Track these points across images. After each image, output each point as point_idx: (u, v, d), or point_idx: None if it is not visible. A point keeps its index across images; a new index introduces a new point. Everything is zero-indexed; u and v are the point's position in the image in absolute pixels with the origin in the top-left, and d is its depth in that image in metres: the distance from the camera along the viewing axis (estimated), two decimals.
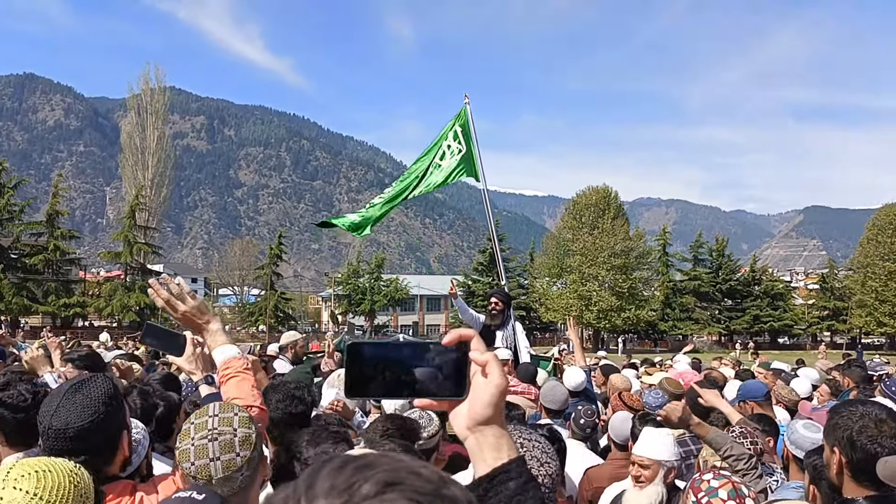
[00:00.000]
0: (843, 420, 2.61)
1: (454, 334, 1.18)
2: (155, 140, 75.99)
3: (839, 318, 73.88)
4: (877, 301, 65.48)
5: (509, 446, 1.17)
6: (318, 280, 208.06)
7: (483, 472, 1.15)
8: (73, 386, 2.32)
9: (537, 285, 70.97)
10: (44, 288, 57.73)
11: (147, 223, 67.16)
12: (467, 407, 1.17)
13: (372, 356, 1.16)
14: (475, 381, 1.17)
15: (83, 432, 2.23)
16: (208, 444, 2.09)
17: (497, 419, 1.18)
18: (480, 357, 1.17)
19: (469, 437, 1.17)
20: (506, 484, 1.13)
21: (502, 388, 1.17)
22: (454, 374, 1.17)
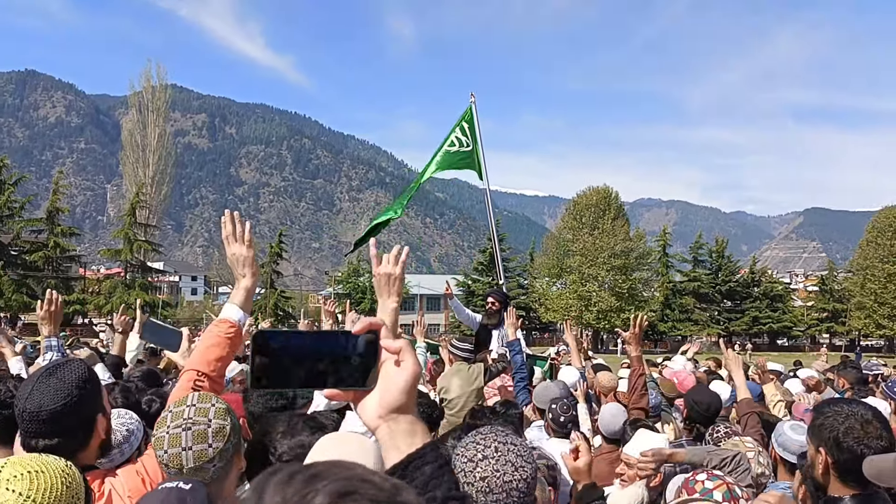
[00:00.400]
0: (828, 421, 2.63)
1: (364, 322, 1.16)
2: (156, 138, 76.10)
3: (838, 320, 73.92)
4: (876, 303, 65.49)
5: (423, 432, 1.17)
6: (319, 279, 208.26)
7: (396, 459, 1.14)
8: (47, 370, 2.35)
9: (537, 285, 70.98)
10: (43, 285, 57.60)
11: (147, 221, 67.20)
12: (378, 395, 1.15)
13: (278, 346, 1.12)
14: (387, 368, 1.16)
15: (56, 415, 2.26)
16: (182, 433, 2.11)
17: (410, 407, 1.17)
18: (393, 344, 1.16)
19: (381, 426, 1.16)
20: (421, 469, 1.12)
21: (416, 374, 1.16)
22: (363, 364, 1.16)
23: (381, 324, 1.17)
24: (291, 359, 1.12)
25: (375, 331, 1.17)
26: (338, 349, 1.15)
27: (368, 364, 1.16)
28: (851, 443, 2.55)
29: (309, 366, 1.13)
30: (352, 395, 1.18)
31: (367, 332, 1.16)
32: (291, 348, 1.13)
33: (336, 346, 1.15)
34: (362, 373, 1.16)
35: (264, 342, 1.12)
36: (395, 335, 2.68)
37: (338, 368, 1.14)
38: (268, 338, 1.13)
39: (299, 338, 1.15)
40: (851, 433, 2.56)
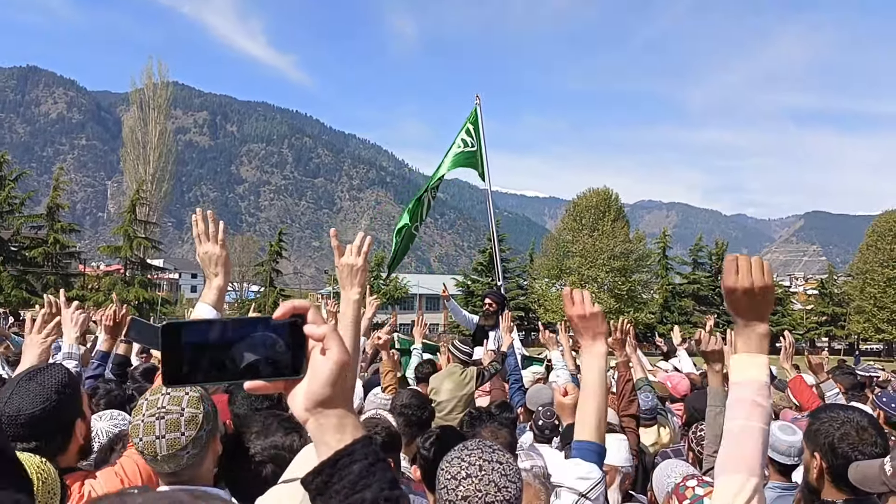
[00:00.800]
0: (824, 426, 2.65)
1: (287, 306, 1.08)
2: (157, 135, 76.12)
3: (837, 324, 73.98)
4: (875, 307, 65.51)
5: (354, 426, 1.09)
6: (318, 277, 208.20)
7: (325, 455, 1.07)
8: (27, 374, 2.38)
9: (536, 286, 70.98)
10: (43, 281, 57.67)
11: (148, 218, 67.17)
12: (306, 386, 1.07)
13: (193, 338, 1.04)
14: (314, 358, 1.07)
15: (34, 419, 2.28)
16: (155, 421, 2.16)
17: (339, 399, 1.08)
18: (317, 330, 1.07)
19: (309, 420, 1.08)
20: (349, 468, 1.05)
21: (343, 364, 1.08)
22: (290, 352, 1.07)
23: (306, 306, 1.09)
24: (209, 351, 1.04)
25: (301, 315, 1.08)
26: (260, 337, 1.06)
27: (297, 351, 1.07)
28: (846, 448, 2.57)
29: (229, 357, 1.04)
30: (282, 386, 1.09)
31: (293, 316, 1.08)
32: (207, 339, 1.04)
33: (258, 333, 1.06)
34: (291, 361, 1.07)
35: (175, 335, 1.04)
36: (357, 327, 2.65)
37: (262, 358, 1.05)
38: (180, 329, 1.04)
39: (216, 327, 1.06)
40: (847, 439, 2.58)
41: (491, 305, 8.26)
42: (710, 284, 74.77)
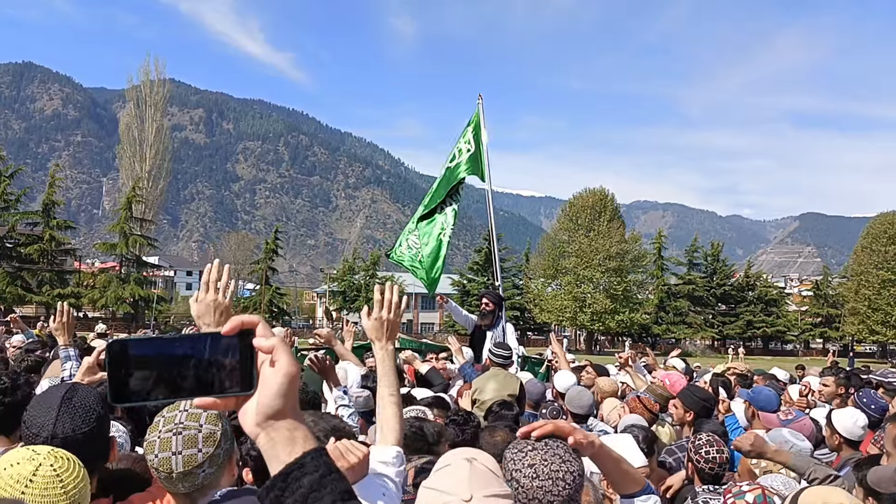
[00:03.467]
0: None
1: (235, 321, 1.06)
2: (153, 132, 76.03)
3: (832, 326, 74.23)
4: (870, 309, 65.70)
5: (304, 438, 1.07)
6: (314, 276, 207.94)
7: (276, 470, 1.05)
8: (66, 393, 2.30)
9: (532, 286, 71.03)
10: (38, 278, 57.65)
11: (143, 215, 67.09)
12: (256, 400, 1.05)
13: (139, 355, 1.01)
14: (263, 371, 1.06)
15: (89, 437, 2.24)
16: (172, 437, 2.12)
17: (289, 411, 1.06)
18: (265, 343, 1.05)
19: (260, 435, 1.05)
20: (300, 480, 1.03)
21: (292, 375, 1.06)
22: (240, 367, 1.05)
23: (256, 321, 1.07)
24: (156, 368, 1.01)
25: (250, 329, 1.06)
26: (208, 353, 1.03)
27: (247, 367, 1.05)
28: None
29: (177, 374, 1.01)
30: (232, 403, 1.07)
31: (242, 331, 1.05)
32: (154, 356, 1.01)
33: (206, 349, 1.03)
34: (239, 377, 1.05)
35: (121, 351, 1.01)
36: (395, 374, 2.67)
37: (211, 374, 1.03)
38: (125, 347, 1.01)
39: (163, 344, 1.03)
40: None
41: (488, 305, 8.27)
42: (705, 285, 74.97)
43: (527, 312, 71.51)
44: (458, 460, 2.10)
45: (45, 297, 56.33)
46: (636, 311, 66.70)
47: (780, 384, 8.76)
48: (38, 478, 1.79)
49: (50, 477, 1.80)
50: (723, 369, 10.41)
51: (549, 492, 1.95)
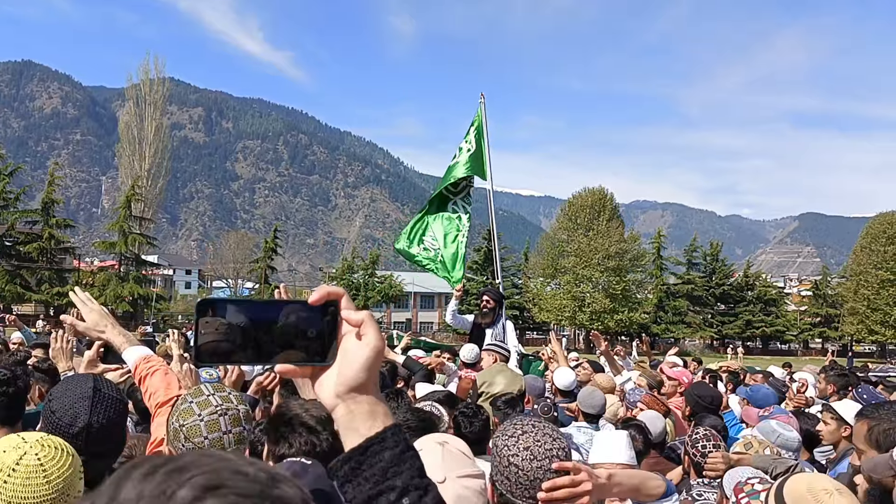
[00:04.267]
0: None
1: (322, 291, 1.07)
2: (153, 131, 76.01)
3: (831, 325, 74.30)
4: (868, 309, 65.76)
5: (385, 414, 1.08)
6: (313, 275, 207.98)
7: (355, 442, 1.06)
8: (92, 387, 2.34)
9: (531, 285, 71.05)
10: (37, 276, 57.62)
11: (142, 214, 67.03)
12: (337, 372, 1.06)
13: (225, 316, 1.02)
14: (347, 343, 1.07)
15: (117, 426, 2.32)
16: (219, 418, 2.21)
17: (371, 386, 1.08)
18: (354, 316, 1.07)
19: (339, 406, 1.07)
20: (381, 454, 1.04)
21: (379, 349, 1.07)
22: (320, 338, 1.06)
23: (341, 293, 1.08)
24: (240, 330, 1.02)
25: (335, 301, 1.07)
26: (293, 320, 1.04)
27: (326, 338, 1.06)
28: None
29: (260, 338, 1.03)
30: (309, 372, 1.08)
31: (326, 302, 1.06)
32: (240, 319, 1.02)
33: (290, 317, 1.04)
34: (320, 347, 1.06)
35: (209, 311, 1.02)
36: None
37: (292, 342, 1.04)
38: (213, 306, 1.02)
39: (249, 307, 1.04)
40: None
41: (489, 303, 8.31)
42: (704, 285, 75.01)
43: (526, 312, 71.52)
44: (430, 444, 2.19)
45: (44, 295, 56.31)
46: (635, 311, 66.72)
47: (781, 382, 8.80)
48: (20, 467, 1.79)
49: (33, 466, 1.79)
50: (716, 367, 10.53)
51: (547, 470, 2.02)
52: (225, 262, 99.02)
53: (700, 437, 4.11)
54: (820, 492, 2.21)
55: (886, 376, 9.05)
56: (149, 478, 0.63)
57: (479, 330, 8.28)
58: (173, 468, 0.63)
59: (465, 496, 2.09)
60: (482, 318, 8.26)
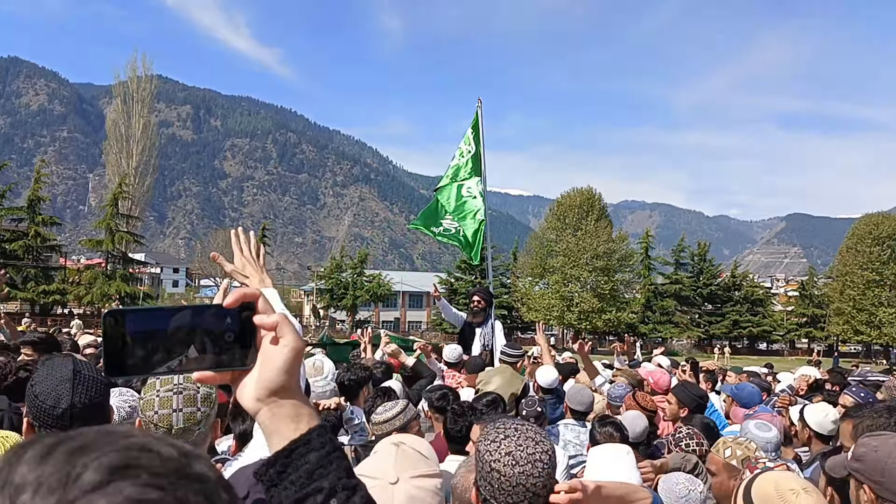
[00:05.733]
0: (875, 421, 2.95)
1: (237, 294, 1.03)
2: (140, 128, 75.53)
3: (817, 326, 74.74)
4: (854, 309, 66.20)
5: (309, 415, 1.05)
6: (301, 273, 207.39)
7: (280, 446, 1.03)
8: (74, 365, 2.35)
9: (520, 285, 71.12)
10: (23, 274, 57.19)
11: (130, 212, 66.63)
12: (257, 375, 1.03)
13: (136, 326, 0.98)
14: (265, 346, 1.04)
15: (99, 406, 2.31)
16: (173, 396, 2.23)
17: (293, 388, 1.05)
18: (268, 320, 1.03)
19: (262, 410, 1.04)
20: (306, 457, 1.02)
21: (297, 350, 1.04)
22: (238, 341, 1.03)
23: (256, 294, 1.04)
24: (152, 340, 0.98)
25: (251, 302, 1.03)
26: (207, 326, 1.01)
27: (245, 341, 1.03)
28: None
29: (174, 347, 0.98)
30: (229, 377, 1.05)
31: (242, 305, 1.03)
32: (151, 328, 0.98)
33: (205, 322, 1.01)
34: (239, 351, 1.03)
35: (117, 322, 0.97)
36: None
37: (209, 348, 1.00)
38: (122, 317, 0.98)
39: (160, 315, 1.00)
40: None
41: (479, 303, 8.35)
42: (691, 285, 75.31)
43: (514, 311, 71.57)
44: (385, 445, 2.22)
45: (29, 293, 55.90)
46: (623, 311, 66.92)
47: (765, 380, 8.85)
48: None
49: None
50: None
51: (530, 475, 1.99)
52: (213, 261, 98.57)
53: (683, 436, 4.13)
54: (786, 491, 2.23)
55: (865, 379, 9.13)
56: (45, 459, 0.57)
57: (469, 329, 8.35)
58: (74, 447, 0.58)
59: (417, 496, 2.09)
60: (473, 317, 8.32)
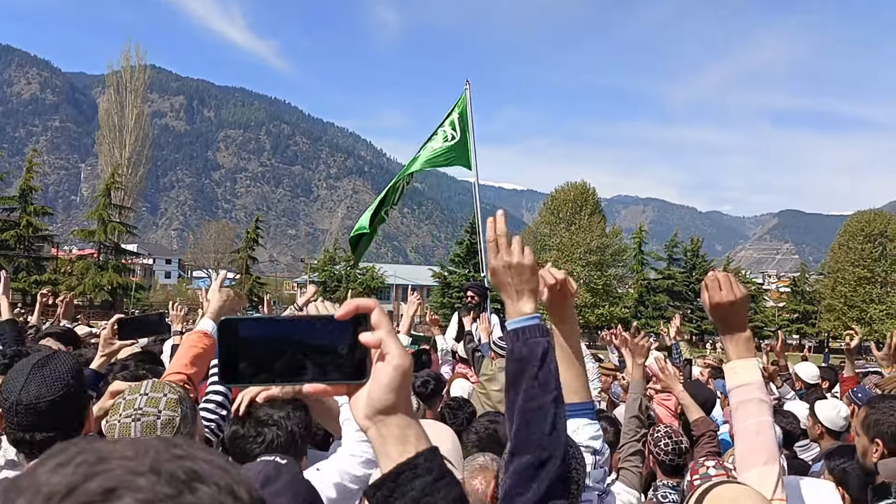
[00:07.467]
0: (884, 416, 3.00)
1: (349, 306, 1.00)
2: (133, 118, 75.30)
3: (808, 322, 75.06)
4: (846, 306, 66.57)
5: (417, 437, 1.02)
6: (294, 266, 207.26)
7: (387, 468, 1.01)
8: (38, 361, 2.32)
9: None
10: (14, 264, 56.94)
11: (122, 202, 66.42)
12: (367, 392, 1.01)
13: (251, 335, 0.98)
14: (376, 362, 1.01)
15: (55, 405, 2.23)
16: (131, 423, 2.14)
17: (402, 406, 1.02)
18: (372, 337, 1.00)
19: (371, 429, 1.02)
20: (412, 482, 0.99)
21: (403, 369, 1.00)
22: (353, 354, 1.00)
23: (371, 306, 1.01)
24: (266, 349, 0.98)
25: (365, 314, 1.01)
26: (320, 337, 0.99)
27: (360, 354, 1.01)
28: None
29: (289, 357, 0.98)
30: (343, 390, 1.04)
31: (356, 316, 1.00)
32: (267, 337, 0.99)
33: (318, 333, 0.99)
34: (352, 364, 1.01)
35: (233, 331, 0.98)
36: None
37: (322, 359, 0.99)
38: (237, 326, 0.98)
39: (275, 325, 1.01)
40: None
41: (473, 298, 8.26)
42: (684, 280, 75.46)
43: None
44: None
45: (21, 283, 55.67)
46: (616, 305, 67.07)
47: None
48: None
49: None
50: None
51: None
52: (205, 252, 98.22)
53: (661, 436, 4.09)
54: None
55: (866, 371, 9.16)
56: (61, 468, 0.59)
57: (462, 325, 8.28)
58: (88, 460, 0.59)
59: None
60: (467, 312, 8.23)
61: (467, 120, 9.63)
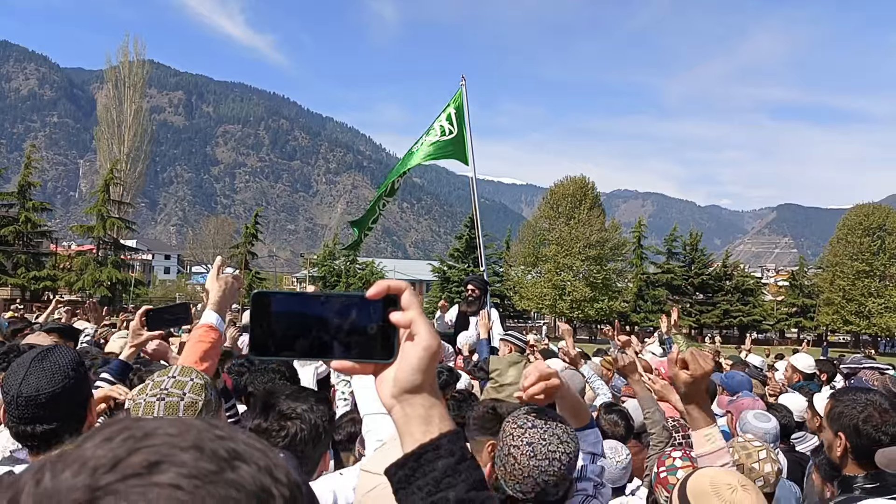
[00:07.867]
0: (847, 409, 2.91)
1: (381, 286, 1.01)
2: (132, 114, 75.06)
3: (807, 315, 75.10)
4: (844, 300, 66.56)
5: (441, 418, 1.03)
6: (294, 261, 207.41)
7: (410, 447, 1.02)
8: (39, 354, 2.35)
9: (512, 273, 71.21)
10: (13, 260, 56.95)
11: (121, 198, 66.35)
12: (393, 372, 1.02)
13: (283, 309, 1.00)
14: (404, 342, 1.03)
15: (54, 398, 2.26)
16: (156, 402, 2.16)
17: (427, 387, 1.02)
18: (402, 317, 1.01)
19: (395, 408, 1.03)
20: (434, 463, 1.00)
21: (432, 350, 1.02)
22: (382, 333, 1.02)
23: (402, 287, 1.03)
24: (297, 324, 1.00)
25: (396, 294, 1.02)
26: (351, 315, 1.01)
27: (389, 334, 1.02)
28: (870, 430, 2.83)
29: (318, 333, 1.00)
30: (371, 369, 1.05)
31: (387, 296, 1.01)
32: (298, 313, 1.00)
33: (349, 311, 1.01)
34: (381, 343, 1.02)
35: (265, 305, 1.00)
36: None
37: (351, 337, 1.01)
38: (269, 300, 1.00)
39: (307, 301, 1.01)
40: (870, 421, 2.84)
41: (473, 292, 8.28)
42: (683, 274, 75.50)
43: (507, 300, 71.69)
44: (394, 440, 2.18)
45: (20, 279, 55.68)
46: (615, 300, 67.11)
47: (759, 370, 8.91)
48: None
49: None
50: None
51: (544, 471, 2.00)
52: (205, 248, 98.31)
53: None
54: (723, 487, 2.17)
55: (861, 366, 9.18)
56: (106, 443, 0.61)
57: (464, 318, 8.28)
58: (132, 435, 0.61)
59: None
60: (467, 306, 8.24)
61: (464, 115, 9.64)
